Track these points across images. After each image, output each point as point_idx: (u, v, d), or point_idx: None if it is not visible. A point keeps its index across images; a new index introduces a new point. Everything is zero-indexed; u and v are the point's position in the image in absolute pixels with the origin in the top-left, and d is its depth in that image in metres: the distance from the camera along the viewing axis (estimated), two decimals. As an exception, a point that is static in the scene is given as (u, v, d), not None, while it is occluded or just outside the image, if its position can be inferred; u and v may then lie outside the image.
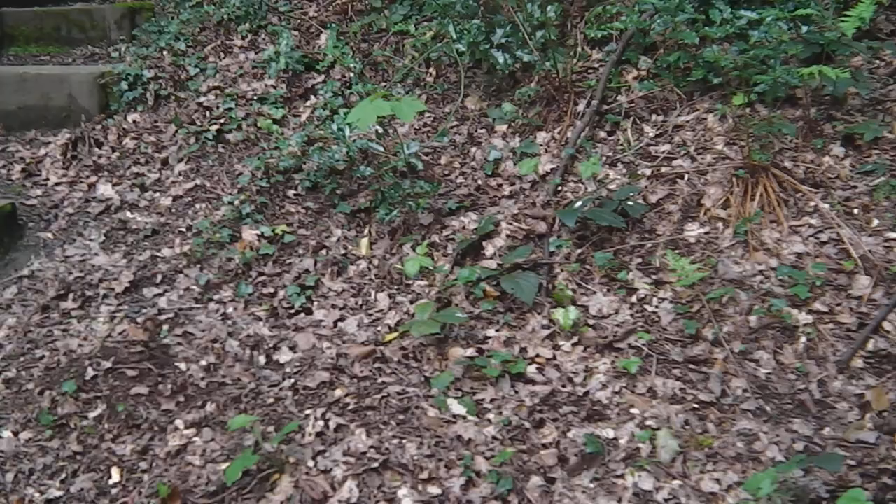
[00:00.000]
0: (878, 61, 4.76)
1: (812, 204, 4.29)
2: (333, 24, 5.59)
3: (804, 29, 4.70)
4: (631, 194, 4.35)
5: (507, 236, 4.41)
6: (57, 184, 5.44)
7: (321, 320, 4.46)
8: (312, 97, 5.39)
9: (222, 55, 5.79)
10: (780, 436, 3.63)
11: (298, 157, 4.93)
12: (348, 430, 3.93)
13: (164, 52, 5.90)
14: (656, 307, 4.11)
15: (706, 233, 4.32)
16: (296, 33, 5.65)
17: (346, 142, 4.65)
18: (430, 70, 5.24)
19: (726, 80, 4.61)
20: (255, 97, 5.41)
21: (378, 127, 4.68)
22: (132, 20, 6.53)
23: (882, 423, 3.63)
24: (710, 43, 4.74)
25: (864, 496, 3.14)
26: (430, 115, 5.09)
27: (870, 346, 3.86)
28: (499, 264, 4.29)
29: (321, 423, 3.99)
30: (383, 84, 5.21)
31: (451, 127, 4.97)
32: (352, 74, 5.26)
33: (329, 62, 5.40)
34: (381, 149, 4.70)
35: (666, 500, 3.45)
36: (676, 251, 4.27)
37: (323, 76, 5.43)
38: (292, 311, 4.54)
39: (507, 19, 4.99)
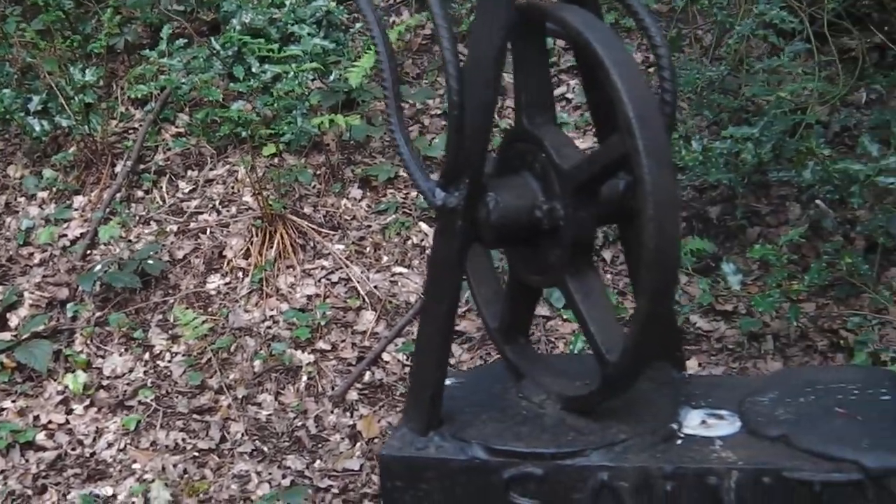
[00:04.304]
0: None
1: (328, 246, 4.82)
2: None
3: (330, 78, 5.26)
4: (152, 253, 4.76)
5: (31, 305, 4.75)
6: None
7: None
8: None
9: None
10: (273, 473, 4.10)
11: None
12: None
13: None
14: (169, 362, 4.53)
15: (227, 283, 4.78)
16: None
17: None
18: (-25, 139, 5.54)
19: (255, 132, 5.10)
20: None
21: None
22: None
23: (368, 451, 4.17)
24: (237, 98, 5.23)
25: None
26: (-30, 187, 5.39)
27: (367, 377, 4.40)
28: (14, 335, 4.62)
29: None
30: (-73, 157, 5.48)
31: (-9, 197, 5.29)
32: None
33: None
34: None
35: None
36: (198, 304, 4.71)
37: None
38: None
39: (45, 85, 5.35)
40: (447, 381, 2.57)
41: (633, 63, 2.17)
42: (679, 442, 2.36)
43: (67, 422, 4.39)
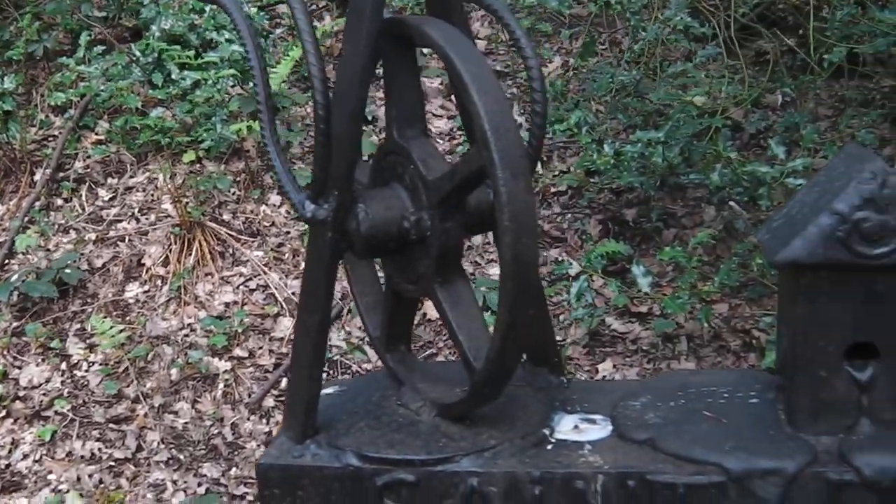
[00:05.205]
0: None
1: (247, 253, 4.86)
2: None
3: (250, 84, 5.29)
4: (70, 262, 4.79)
5: (-53, 316, 4.78)
6: None
7: None
8: None
9: None
10: (189, 482, 4.16)
11: None
12: None
13: None
14: (86, 371, 4.57)
15: (145, 292, 4.82)
16: None
17: None
18: None
19: (175, 139, 5.13)
20: None
21: None
22: None
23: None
24: (157, 105, 5.26)
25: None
26: None
27: (283, 384, 4.45)
28: (-71, 347, 4.65)
29: None
30: None
31: None
32: None
33: None
34: None
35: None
36: (116, 313, 4.75)
37: None
38: None
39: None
40: (329, 390, 2.64)
41: (492, 77, 2.24)
42: (549, 447, 2.44)
43: (-17, 433, 4.42)
